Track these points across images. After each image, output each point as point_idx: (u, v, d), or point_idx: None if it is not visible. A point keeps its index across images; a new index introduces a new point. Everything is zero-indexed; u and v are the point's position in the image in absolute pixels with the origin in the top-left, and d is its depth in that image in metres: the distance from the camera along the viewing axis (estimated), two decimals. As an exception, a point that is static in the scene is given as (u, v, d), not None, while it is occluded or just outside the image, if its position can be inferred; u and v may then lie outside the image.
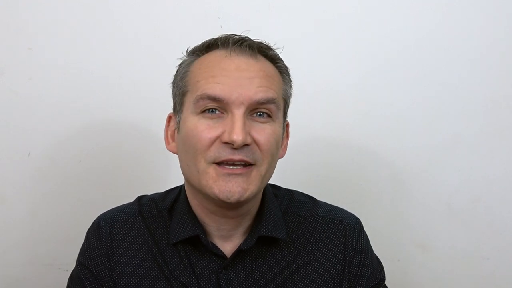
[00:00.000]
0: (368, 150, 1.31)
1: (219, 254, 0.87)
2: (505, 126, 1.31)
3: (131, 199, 0.98)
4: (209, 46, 0.86)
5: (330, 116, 1.30)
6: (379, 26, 1.28)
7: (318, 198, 0.99)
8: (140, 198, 0.97)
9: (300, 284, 0.89)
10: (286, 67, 0.89)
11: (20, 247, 1.28)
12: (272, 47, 0.87)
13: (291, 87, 0.90)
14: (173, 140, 0.89)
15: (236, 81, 0.80)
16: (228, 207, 0.84)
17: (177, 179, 0.97)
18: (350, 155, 1.32)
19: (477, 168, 1.32)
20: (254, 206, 0.89)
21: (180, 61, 0.89)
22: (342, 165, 1.33)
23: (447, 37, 1.28)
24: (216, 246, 0.88)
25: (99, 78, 1.25)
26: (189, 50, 0.89)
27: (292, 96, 0.91)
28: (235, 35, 0.85)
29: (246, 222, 0.89)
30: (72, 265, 0.95)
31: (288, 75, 0.89)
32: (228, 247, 0.89)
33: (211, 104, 0.80)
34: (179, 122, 0.85)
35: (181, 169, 0.87)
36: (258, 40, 0.86)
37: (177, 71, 0.89)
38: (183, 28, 1.25)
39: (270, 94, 0.82)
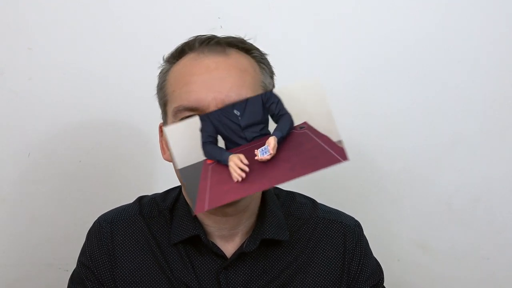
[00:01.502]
0: (368, 150, 1.31)
1: (219, 253, 0.87)
2: (505, 126, 1.31)
3: (131, 199, 0.98)
4: (182, 52, 0.85)
5: (330, 116, 1.30)
6: (379, 26, 1.28)
7: (318, 199, 0.99)
8: (141, 199, 0.97)
9: (299, 285, 0.89)
10: (262, 54, 0.86)
11: (20, 247, 1.28)
12: (245, 38, 0.85)
13: (271, 76, 0.87)
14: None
15: (207, 84, 0.78)
16: (226, 205, 0.84)
17: (177, 179, 0.97)
18: (350, 155, 1.31)
19: (477, 168, 1.32)
20: (253, 203, 0.89)
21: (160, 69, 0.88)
22: (342, 165, 1.32)
23: (447, 37, 1.28)
24: (217, 246, 0.88)
25: (99, 78, 1.25)
26: (165, 57, 0.88)
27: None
28: (203, 35, 0.84)
29: (247, 221, 0.89)
30: (73, 265, 0.95)
31: (266, 63, 0.86)
32: (229, 247, 0.89)
33: (189, 113, 0.79)
34: None
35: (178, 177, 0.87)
36: (234, 36, 0.84)
37: (158, 81, 0.88)
38: (183, 28, 1.24)
39: (244, 94, 0.78)
